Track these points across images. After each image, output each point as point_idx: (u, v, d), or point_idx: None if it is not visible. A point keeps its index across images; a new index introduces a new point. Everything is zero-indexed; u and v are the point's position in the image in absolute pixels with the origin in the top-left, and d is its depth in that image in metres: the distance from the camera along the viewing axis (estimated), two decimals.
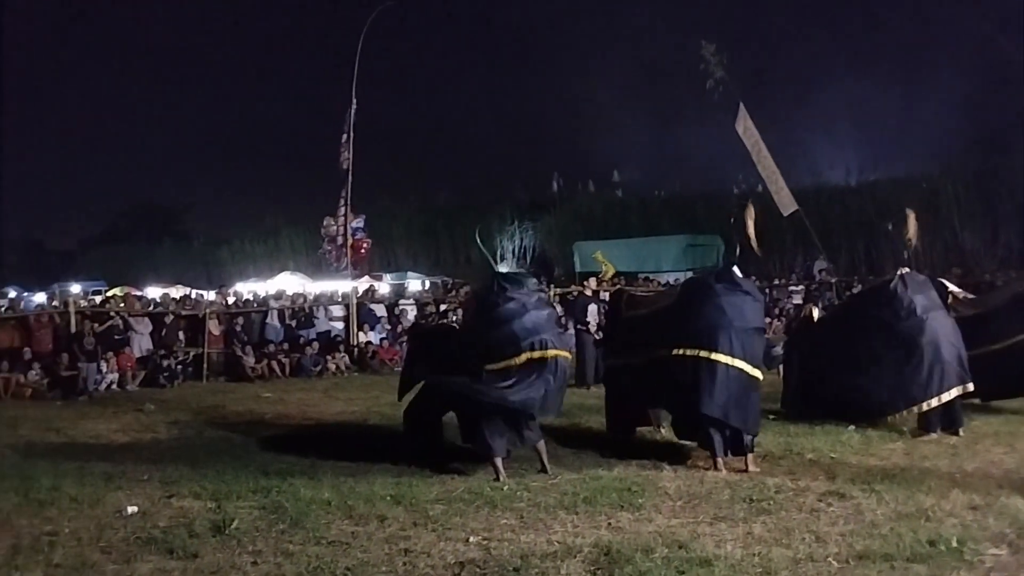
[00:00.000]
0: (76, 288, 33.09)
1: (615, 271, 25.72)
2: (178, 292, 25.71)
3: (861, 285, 20.38)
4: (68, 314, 17.12)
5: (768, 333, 12.55)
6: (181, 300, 22.25)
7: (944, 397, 9.34)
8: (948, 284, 11.23)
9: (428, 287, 29.68)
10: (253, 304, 21.79)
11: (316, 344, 18.90)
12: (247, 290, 26.97)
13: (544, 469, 8.02)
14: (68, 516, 6.92)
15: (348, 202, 20.82)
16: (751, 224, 10.53)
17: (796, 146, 31.06)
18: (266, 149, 69.96)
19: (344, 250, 20.88)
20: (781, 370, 11.18)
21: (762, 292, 13.67)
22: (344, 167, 20.79)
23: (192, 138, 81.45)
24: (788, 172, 22.04)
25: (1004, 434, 9.47)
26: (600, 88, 49.62)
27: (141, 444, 10.41)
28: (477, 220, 36.93)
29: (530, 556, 5.64)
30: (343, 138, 20.88)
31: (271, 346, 18.44)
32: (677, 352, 8.35)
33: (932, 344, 9.37)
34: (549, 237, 35.37)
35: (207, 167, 76.70)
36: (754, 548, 5.72)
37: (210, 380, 17.47)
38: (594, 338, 14.81)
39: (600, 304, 15.83)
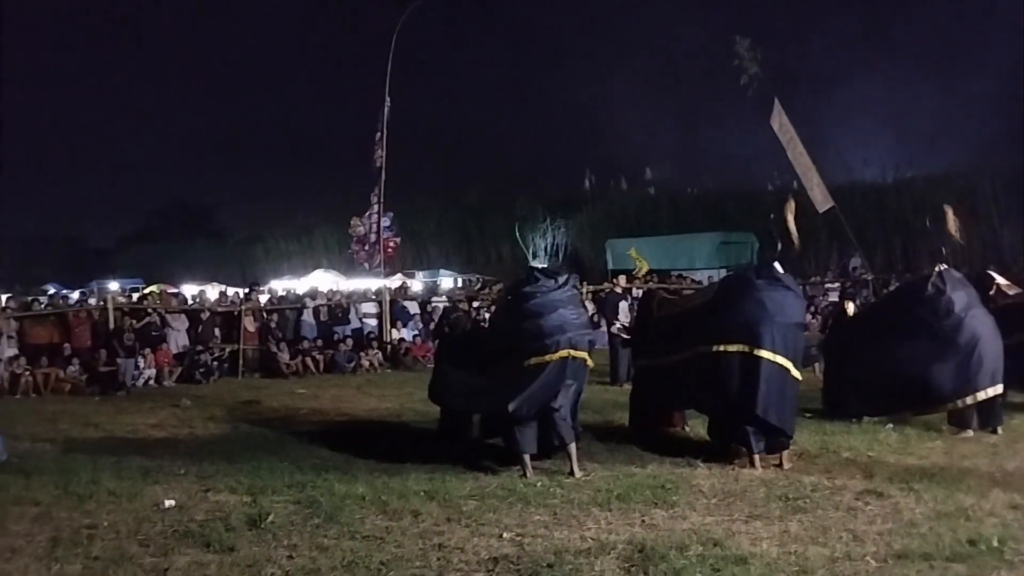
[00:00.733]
0: (114, 285, 33.48)
1: (649, 268, 25.61)
2: (214, 290, 25.93)
3: (898, 283, 20.13)
4: (107, 311, 17.35)
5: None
6: (220, 298, 22.40)
7: (980, 395, 9.21)
8: (995, 276, 11.09)
9: (461, 283, 29.67)
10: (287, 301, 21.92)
11: (350, 341, 19.01)
12: (281, 287, 27.13)
13: (572, 471, 7.88)
14: (106, 509, 7.01)
15: (381, 200, 20.90)
16: (792, 220, 10.43)
17: (831, 142, 30.69)
18: (299, 147, 70.53)
19: (376, 248, 20.97)
20: (817, 368, 11.08)
21: None
22: (377, 165, 20.88)
23: (226, 137, 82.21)
24: (823, 169, 21.83)
25: None
26: (633, 85, 49.51)
27: (178, 439, 10.53)
28: (509, 218, 37.01)
29: (564, 552, 5.64)
30: (376, 136, 20.97)
31: (305, 342, 18.57)
32: (717, 348, 8.24)
33: (970, 342, 9.24)
34: (581, 234, 35.28)
35: (241, 166, 77.41)
36: (790, 546, 5.67)
37: (245, 376, 17.63)
38: (623, 337, 14.76)
39: (632, 301, 15.79)
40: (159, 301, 20.41)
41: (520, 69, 73.71)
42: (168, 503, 7.09)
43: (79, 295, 27.60)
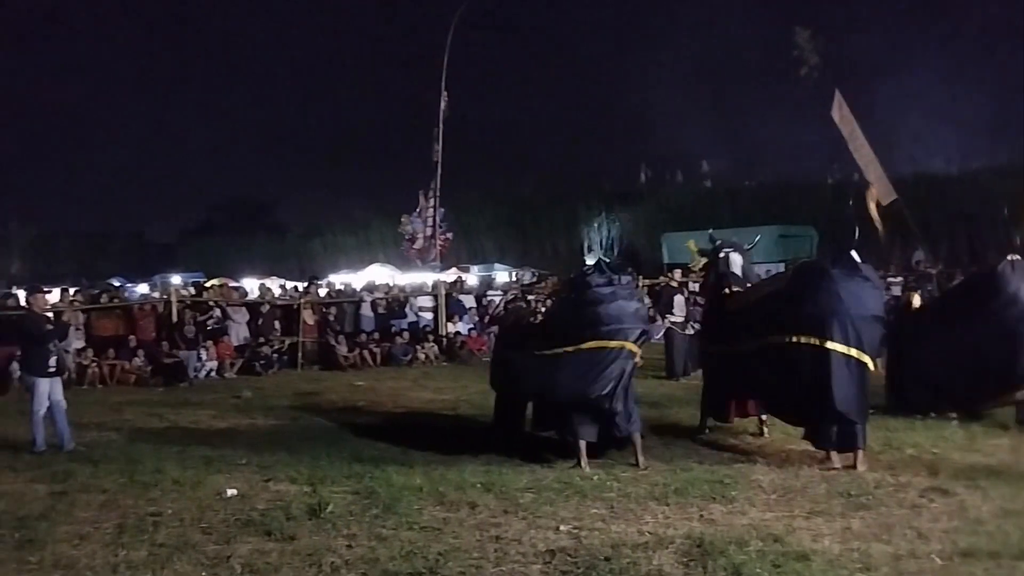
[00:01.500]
0: (177, 279, 34.09)
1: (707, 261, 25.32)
2: (274, 283, 26.28)
3: (963, 276, 19.63)
4: (170, 304, 17.69)
5: None
6: (283, 292, 22.66)
7: None
8: None
9: (521, 272, 29.62)
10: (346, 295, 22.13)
11: (406, 334, 19.14)
12: (339, 281, 27.43)
13: (636, 462, 7.89)
14: (170, 497, 7.16)
15: (437, 194, 21.02)
16: (873, 207, 10.14)
17: (893, 133, 30.07)
18: (356, 144, 71.10)
19: (432, 242, 21.10)
20: (878, 363, 10.84)
21: None
22: (434, 159, 21.00)
23: (285, 134, 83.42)
24: (885, 160, 21.37)
25: None
26: (689, 78, 48.98)
27: (239, 429, 10.70)
28: (564, 212, 36.96)
29: (621, 546, 5.61)
30: (433, 131, 21.09)
31: (363, 335, 18.74)
32: (791, 340, 7.97)
33: None
34: (636, 228, 35.10)
35: (299, 162, 78.57)
36: (852, 543, 5.58)
37: (304, 368, 17.83)
38: (679, 332, 14.64)
39: (689, 295, 15.63)
40: (220, 294, 20.73)
41: (576, 62, 73.48)
42: (230, 492, 7.21)
43: (148, 288, 28.14)
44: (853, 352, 7.73)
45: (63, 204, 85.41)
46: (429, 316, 20.50)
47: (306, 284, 22.05)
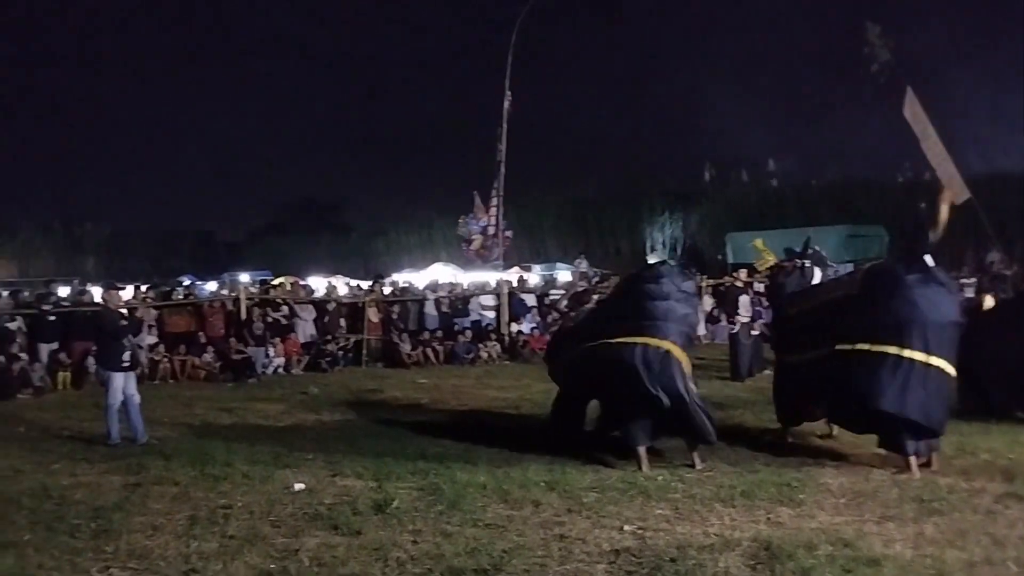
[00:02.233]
0: (245, 277, 34.67)
1: (775, 261, 24.94)
2: (339, 282, 26.58)
3: None
4: (239, 301, 18.02)
5: None
6: (348, 290, 22.91)
7: None
8: None
9: (584, 267, 29.42)
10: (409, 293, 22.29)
11: (469, 332, 19.23)
12: (402, 280, 27.65)
13: (692, 463, 7.82)
14: (240, 491, 7.30)
15: (500, 193, 21.05)
16: (946, 210, 9.88)
17: (967, 132, 29.24)
18: (420, 144, 71.77)
19: (494, 240, 21.12)
20: None
21: None
22: (498, 159, 21.04)
23: (352, 134, 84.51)
24: (958, 159, 20.84)
25: None
26: (755, 75, 48.37)
27: (306, 425, 10.87)
28: (627, 212, 36.70)
29: (687, 547, 5.57)
30: (497, 130, 21.13)
31: (427, 333, 18.88)
32: (862, 347, 7.71)
33: None
34: (700, 227, 34.70)
35: (364, 162, 79.47)
36: (925, 549, 5.46)
37: (368, 365, 18.04)
38: (744, 332, 14.46)
39: (754, 296, 15.45)
40: (288, 292, 21.04)
41: (640, 61, 73.07)
42: (298, 486, 7.33)
43: (217, 286, 28.70)
44: (932, 360, 7.50)
45: (136, 204, 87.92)
46: (492, 315, 20.56)
47: (371, 283, 22.24)
